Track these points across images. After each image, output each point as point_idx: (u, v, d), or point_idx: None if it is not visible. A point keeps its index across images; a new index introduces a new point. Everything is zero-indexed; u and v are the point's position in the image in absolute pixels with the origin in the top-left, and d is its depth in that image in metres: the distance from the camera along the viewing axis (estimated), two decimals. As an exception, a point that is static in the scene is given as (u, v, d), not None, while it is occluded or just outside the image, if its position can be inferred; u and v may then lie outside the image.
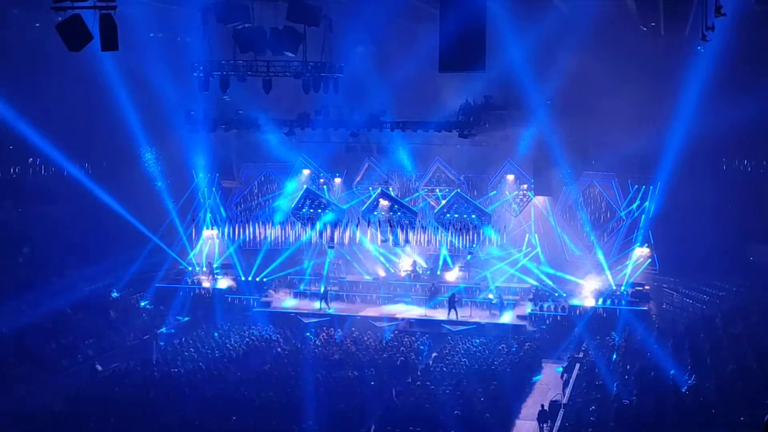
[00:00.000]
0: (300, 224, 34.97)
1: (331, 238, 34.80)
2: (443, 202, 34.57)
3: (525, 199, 35.36)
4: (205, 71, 24.98)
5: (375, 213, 34.13)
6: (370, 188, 36.67)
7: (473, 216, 33.73)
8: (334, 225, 34.53)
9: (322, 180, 36.99)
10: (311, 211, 34.66)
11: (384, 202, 34.10)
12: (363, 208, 34.68)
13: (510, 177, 35.58)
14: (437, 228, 34.15)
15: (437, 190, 36.17)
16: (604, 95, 29.31)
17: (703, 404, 21.05)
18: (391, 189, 36.03)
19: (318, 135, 32.76)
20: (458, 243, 34.16)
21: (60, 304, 29.61)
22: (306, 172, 37.15)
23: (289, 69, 25.12)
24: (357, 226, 34.39)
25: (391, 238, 33.94)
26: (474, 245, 33.75)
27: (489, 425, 21.59)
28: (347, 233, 34.96)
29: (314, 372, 25.66)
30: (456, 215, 33.81)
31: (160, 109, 31.01)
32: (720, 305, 29.92)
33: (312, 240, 35.18)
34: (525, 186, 35.39)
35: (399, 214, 34.07)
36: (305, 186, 35.65)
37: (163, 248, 35.19)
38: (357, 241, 35.30)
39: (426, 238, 34.73)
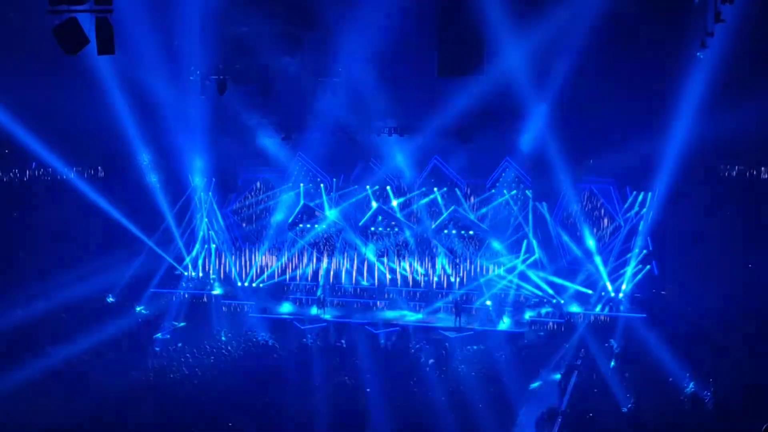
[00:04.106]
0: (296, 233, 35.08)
1: (331, 250, 34.81)
2: (444, 213, 34.48)
3: (524, 199, 35.26)
4: (202, 75, 24.87)
5: (372, 228, 34.10)
6: (368, 187, 36.68)
7: (471, 232, 33.64)
8: (333, 235, 34.63)
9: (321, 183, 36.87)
10: (308, 226, 34.65)
11: (382, 219, 34.09)
12: (361, 223, 34.61)
13: (508, 175, 35.53)
14: (436, 245, 34.21)
15: (435, 189, 36.16)
16: (603, 101, 29.24)
17: (701, 412, 20.95)
18: (388, 187, 36.03)
19: (316, 140, 32.66)
20: (456, 257, 34.19)
21: (55, 309, 29.50)
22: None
23: (286, 73, 25.02)
24: (355, 234, 34.42)
25: (386, 257, 34.02)
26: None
27: (486, 432, 21.49)
28: (345, 239, 35.13)
29: (310, 378, 25.57)
30: (454, 231, 33.73)
31: (157, 113, 30.89)
32: (719, 312, 29.80)
33: (309, 247, 35.17)
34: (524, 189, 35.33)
35: (397, 229, 34.01)
36: (302, 201, 35.57)
37: (159, 253, 35.09)
38: (354, 247, 35.31)
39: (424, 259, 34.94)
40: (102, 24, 13.17)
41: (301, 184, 36.37)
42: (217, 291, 35.32)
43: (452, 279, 34.86)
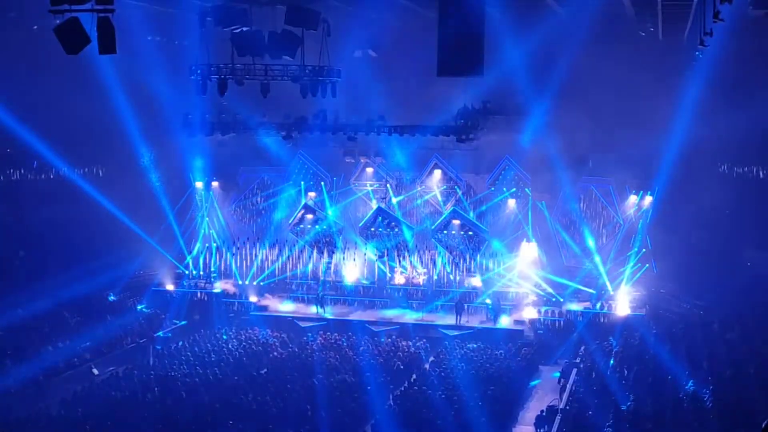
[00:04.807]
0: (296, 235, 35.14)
1: (331, 251, 34.88)
2: (444, 212, 34.53)
3: (524, 196, 35.31)
4: (203, 74, 24.93)
5: (372, 229, 34.16)
6: (368, 184, 36.71)
7: (470, 233, 33.68)
8: (334, 234, 34.72)
9: (313, 194, 36.76)
10: (309, 226, 34.69)
11: (382, 219, 34.18)
12: (361, 224, 34.68)
13: (508, 174, 35.59)
14: (435, 246, 34.30)
15: (435, 188, 36.19)
16: (601, 100, 29.30)
17: (700, 410, 21.00)
18: (388, 186, 36.08)
19: (316, 139, 32.74)
20: (456, 258, 34.26)
21: (57, 308, 29.55)
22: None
23: (287, 73, 25.11)
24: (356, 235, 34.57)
25: (387, 258, 34.13)
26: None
27: (486, 430, 21.51)
28: (345, 238, 35.21)
29: (311, 376, 25.65)
30: (453, 232, 33.77)
31: (158, 112, 30.97)
32: (717, 311, 29.87)
33: (310, 247, 35.24)
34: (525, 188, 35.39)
35: (396, 230, 34.06)
36: (303, 200, 35.63)
37: (161, 252, 35.16)
38: (354, 246, 35.36)
39: (424, 257, 34.98)
40: (103, 24, 13.21)
41: (302, 182, 36.42)
42: (218, 289, 35.37)
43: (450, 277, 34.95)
